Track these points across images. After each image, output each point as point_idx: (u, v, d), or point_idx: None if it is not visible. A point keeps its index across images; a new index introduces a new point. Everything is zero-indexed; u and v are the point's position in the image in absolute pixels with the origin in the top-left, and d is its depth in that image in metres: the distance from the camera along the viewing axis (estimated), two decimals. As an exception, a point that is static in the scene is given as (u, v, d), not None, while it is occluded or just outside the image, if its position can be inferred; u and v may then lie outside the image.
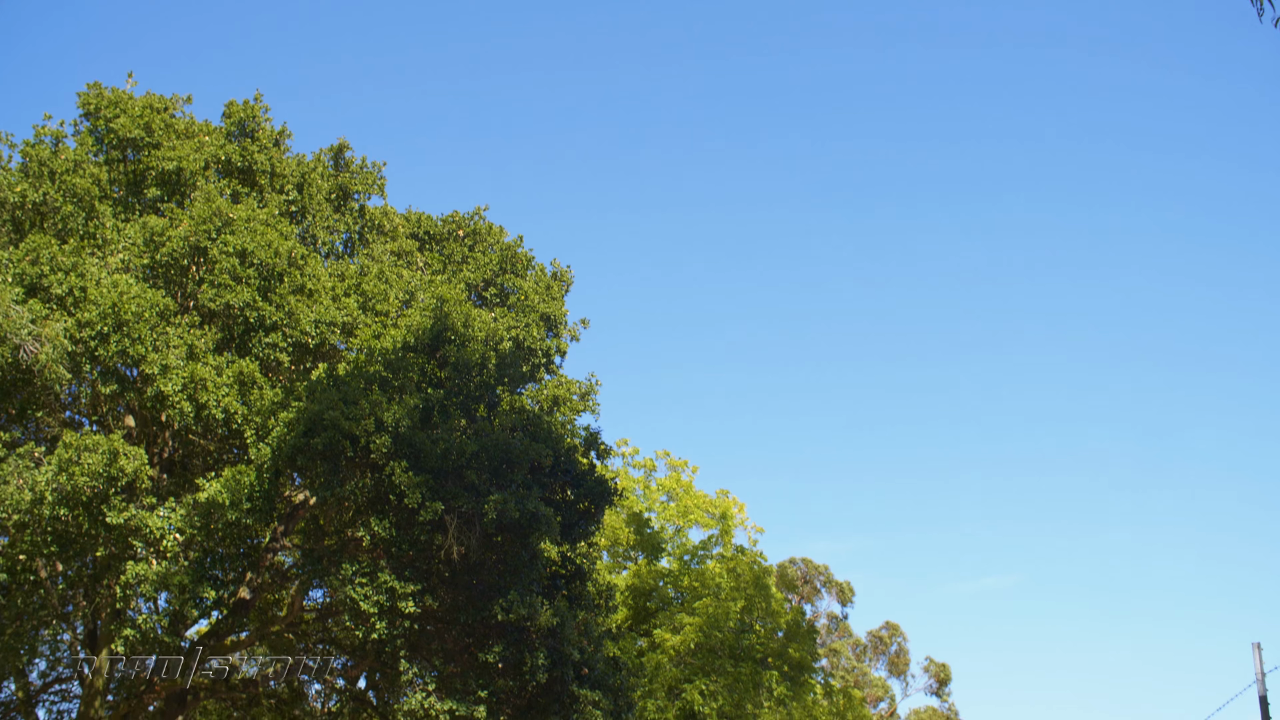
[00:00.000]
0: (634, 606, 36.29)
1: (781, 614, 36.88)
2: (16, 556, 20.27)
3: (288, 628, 23.81)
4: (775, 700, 34.91)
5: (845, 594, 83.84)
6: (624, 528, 37.19)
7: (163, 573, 19.53)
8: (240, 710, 29.43)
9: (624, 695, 24.22)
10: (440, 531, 19.69)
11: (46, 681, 27.42)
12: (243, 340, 22.31)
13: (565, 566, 23.29)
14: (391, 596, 19.19)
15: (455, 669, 21.06)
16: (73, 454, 19.32)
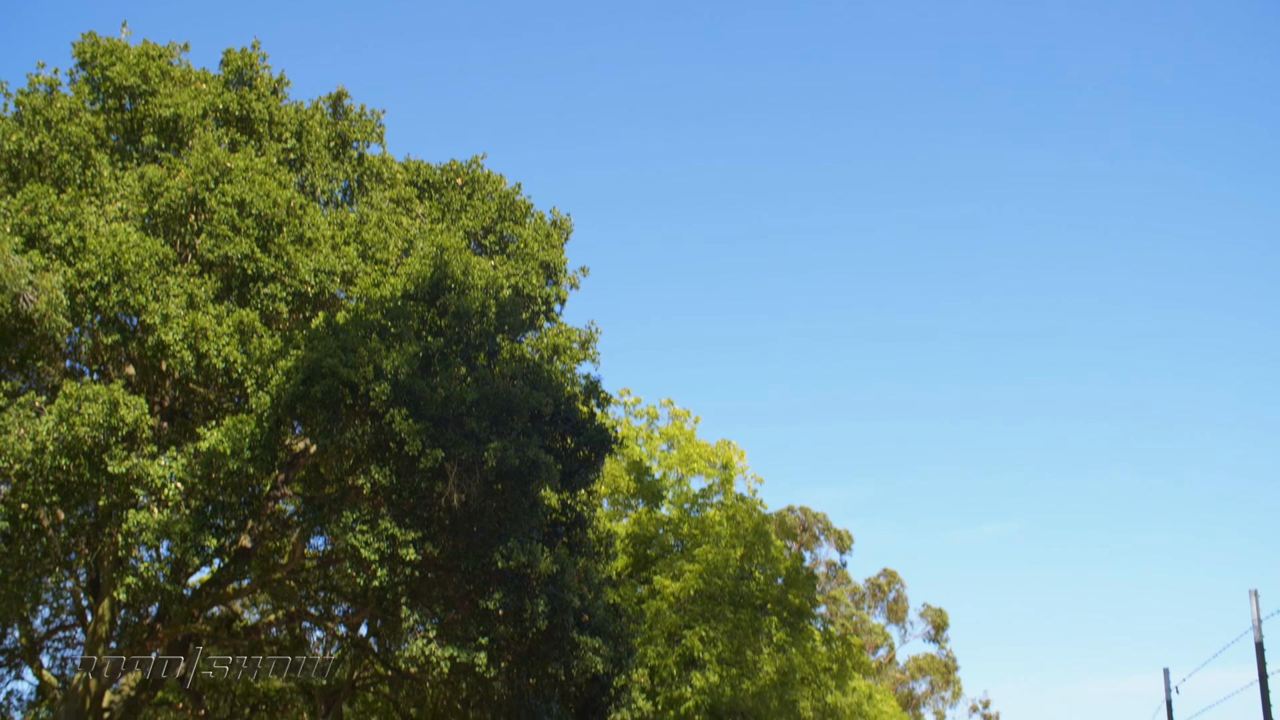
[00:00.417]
0: (634, 554, 36.39)
1: (781, 561, 36.99)
2: (19, 505, 20.32)
3: (289, 575, 23.91)
4: (775, 646, 35.07)
5: (844, 542, 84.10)
6: (624, 476, 37.25)
7: (164, 521, 19.58)
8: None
9: (624, 641, 24.35)
10: (440, 479, 19.73)
11: (51, 628, 27.60)
12: (242, 289, 22.28)
13: (565, 514, 23.36)
14: (392, 544, 19.25)
15: (456, 616, 21.15)
16: (73, 403, 19.33)
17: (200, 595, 22.87)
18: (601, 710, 24.41)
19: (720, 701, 32.22)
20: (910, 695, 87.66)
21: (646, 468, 37.85)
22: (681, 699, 32.07)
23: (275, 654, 28.61)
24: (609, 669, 23.19)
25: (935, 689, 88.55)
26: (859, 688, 51.74)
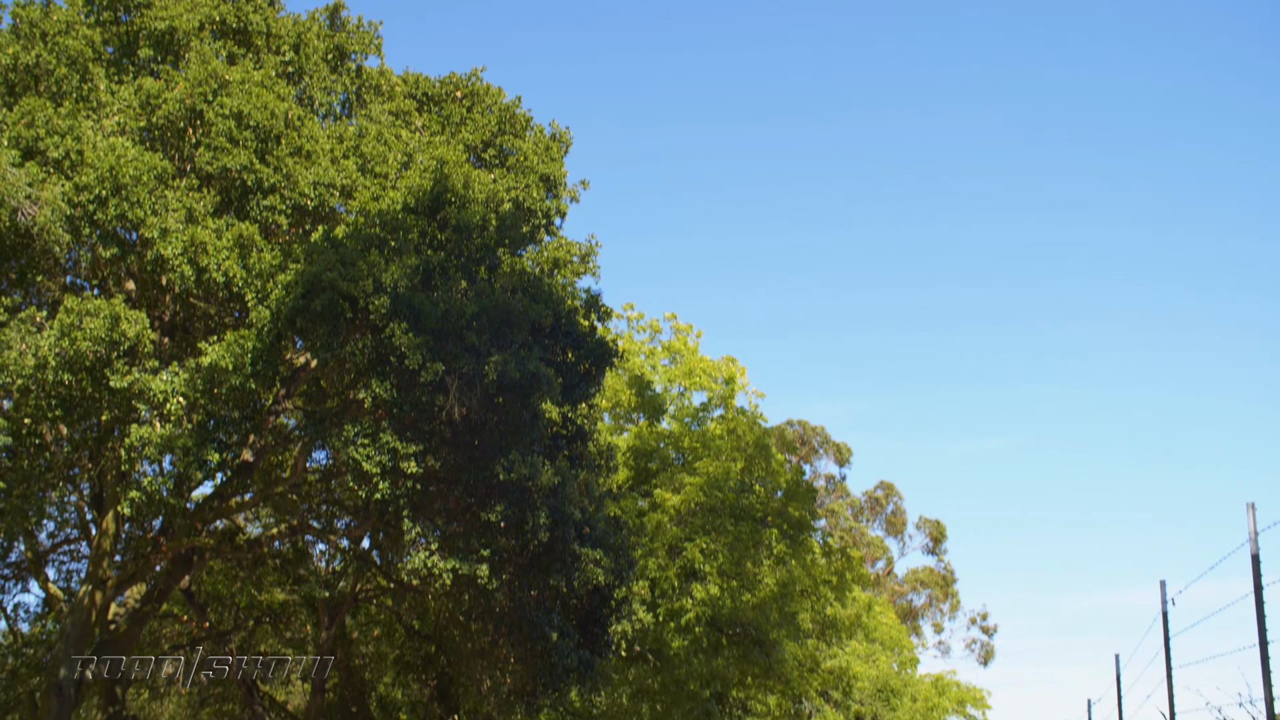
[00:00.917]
0: (635, 467, 36.53)
1: (781, 474, 37.13)
2: (21, 420, 20.37)
3: (291, 489, 24.02)
4: (775, 559, 35.30)
5: (842, 455, 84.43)
6: (625, 390, 37.31)
7: (166, 436, 19.62)
8: (245, 570, 29.85)
9: (625, 554, 24.52)
10: (441, 392, 19.75)
11: (55, 542, 27.79)
12: (241, 203, 22.19)
13: (566, 427, 23.42)
14: (394, 457, 19.31)
15: (457, 528, 21.26)
16: (74, 318, 19.32)
17: (203, 509, 22.97)
18: (602, 621, 24.61)
19: (720, 613, 32.50)
20: (909, 607, 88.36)
21: (648, 382, 37.90)
22: (682, 611, 32.33)
23: (278, 567, 28.85)
24: (610, 581, 23.36)
25: (934, 601, 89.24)
26: (858, 600, 52.18)
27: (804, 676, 40.16)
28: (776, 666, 34.76)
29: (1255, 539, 12.33)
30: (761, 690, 41.36)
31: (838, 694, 49.30)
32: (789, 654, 35.88)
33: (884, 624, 61.35)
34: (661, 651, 32.18)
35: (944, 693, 63.37)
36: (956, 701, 63.77)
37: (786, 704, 46.85)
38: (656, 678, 33.22)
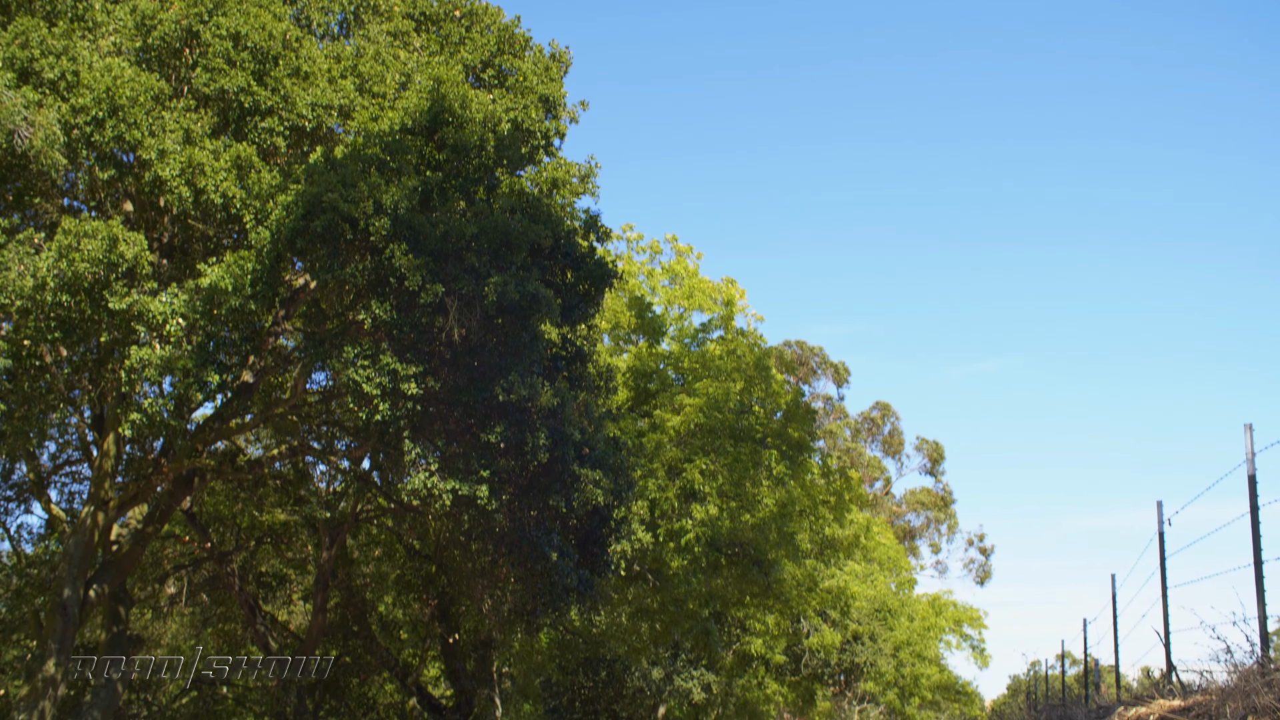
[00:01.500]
0: (634, 388, 36.62)
1: (781, 395, 37.23)
2: (21, 342, 20.38)
3: (291, 410, 24.08)
4: (774, 479, 35.46)
5: (841, 375, 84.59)
6: (625, 311, 37.32)
7: (166, 357, 19.64)
8: (247, 491, 30.00)
9: (624, 474, 24.62)
10: (441, 314, 19.75)
11: (57, 464, 27.93)
12: (239, 124, 22.07)
13: (566, 348, 23.44)
14: (394, 378, 19.33)
15: (457, 449, 21.34)
16: (72, 240, 19.27)
17: (204, 430, 23.05)
18: (602, 542, 24.77)
19: (720, 533, 32.69)
20: (907, 528, 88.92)
21: (648, 303, 37.92)
22: (682, 531, 32.52)
23: (279, 487, 28.99)
24: (609, 501, 23.48)
25: (931, 522, 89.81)
26: (857, 520, 52.47)
27: (802, 596, 40.53)
28: (775, 586, 35.05)
29: (1252, 459, 12.38)
30: (760, 609, 41.75)
31: (836, 613, 49.81)
32: (787, 574, 36.16)
33: (882, 544, 61.79)
34: (661, 571, 32.42)
35: (941, 612, 63.93)
36: (953, 621, 64.34)
37: (785, 623, 47.33)
38: (656, 597, 33.49)
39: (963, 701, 66.11)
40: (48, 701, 21.27)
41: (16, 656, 31.33)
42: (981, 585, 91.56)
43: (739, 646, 47.60)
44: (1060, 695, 24.99)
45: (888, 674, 56.70)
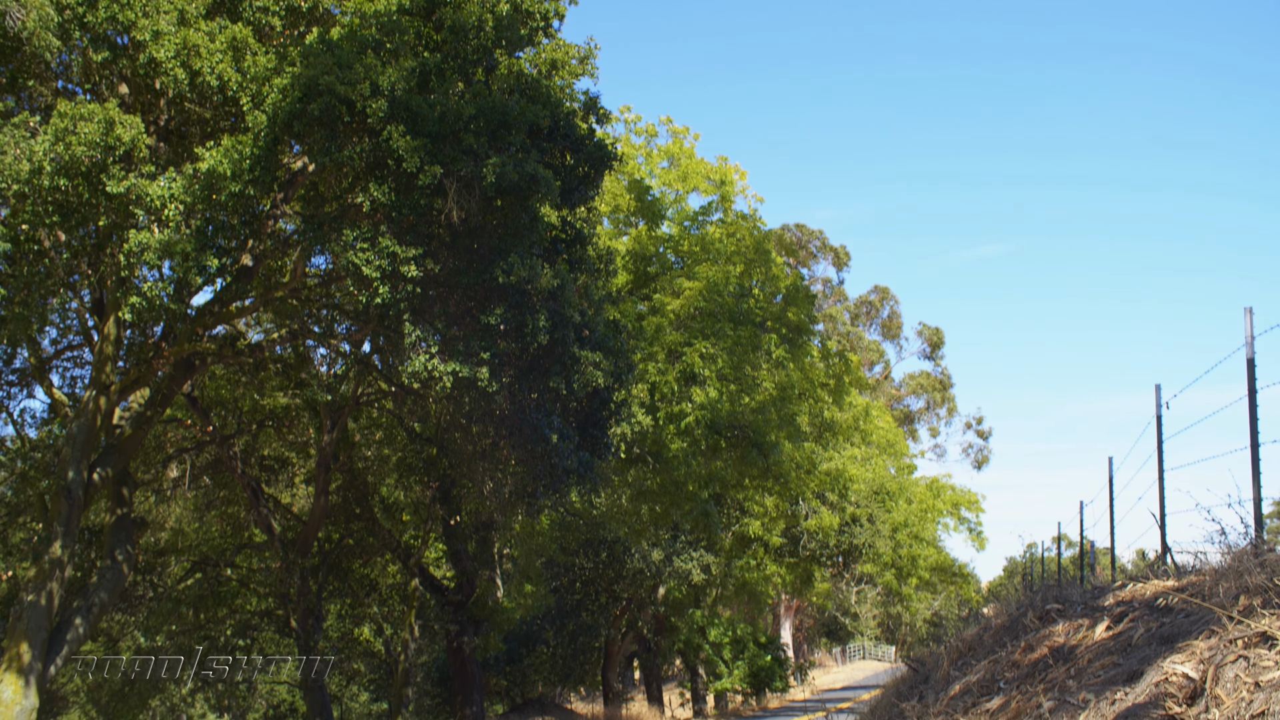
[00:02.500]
0: (634, 271, 36.59)
1: (781, 279, 37.22)
2: (19, 226, 20.32)
3: (291, 294, 24.06)
4: (774, 363, 35.57)
5: (840, 259, 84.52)
6: (624, 194, 37.18)
7: (165, 241, 19.57)
8: (247, 375, 30.08)
9: (624, 357, 24.68)
10: (440, 196, 19.67)
11: (58, 349, 27.98)
12: (234, 5, 21.80)
13: (565, 231, 23.37)
14: (393, 261, 19.29)
15: (458, 332, 21.36)
16: (68, 123, 19.13)
17: (204, 314, 23.05)
18: (602, 424, 24.89)
19: (720, 416, 32.86)
20: (906, 412, 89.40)
21: (646, 186, 37.75)
22: (682, 414, 32.68)
23: (279, 371, 29.06)
24: (609, 384, 23.56)
25: (930, 406, 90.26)
26: (856, 403, 52.74)
27: (801, 478, 40.83)
28: (774, 468, 35.29)
29: (1251, 343, 12.39)
30: (759, 491, 42.09)
31: (834, 496, 50.20)
32: (787, 456, 36.39)
33: (881, 428, 62.12)
34: (660, 454, 32.62)
35: (939, 495, 64.44)
36: (951, 504, 64.86)
37: (784, 505, 47.73)
38: (655, 479, 33.73)
39: (959, 583, 66.91)
40: (55, 583, 21.52)
41: (23, 539, 31.62)
42: (979, 469, 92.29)
43: (738, 528, 48.08)
44: (1056, 576, 25.25)
45: (885, 555, 57.30)
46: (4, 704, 20.28)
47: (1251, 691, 7.30)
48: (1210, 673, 7.75)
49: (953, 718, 11.92)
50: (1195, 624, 9.29)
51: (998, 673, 12.43)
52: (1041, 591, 15.56)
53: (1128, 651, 10.03)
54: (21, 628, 20.95)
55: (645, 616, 52.69)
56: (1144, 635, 10.11)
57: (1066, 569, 27.71)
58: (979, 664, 13.47)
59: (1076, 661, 10.73)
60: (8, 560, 32.42)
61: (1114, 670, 9.67)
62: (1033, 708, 10.19)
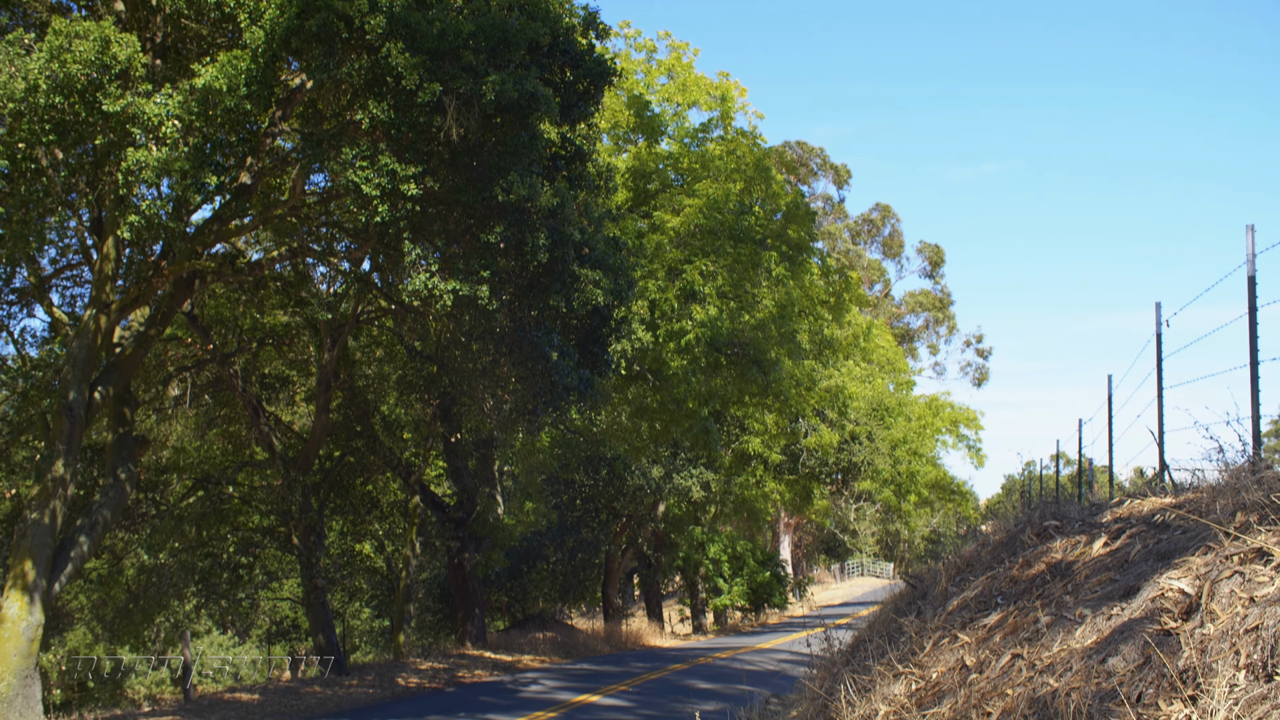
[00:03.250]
0: (634, 188, 36.48)
1: (781, 196, 37.11)
2: (16, 145, 20.19)
3: (290, 212, 23.99)
4: (774, 280, 35.56)
5: (841, 177, 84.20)
6: (624, 110, 36.99)
7: (163, 159, 19.46)
8: (247, 293, 30.06)
9: (624, 274, 24.65)
10: (439, 113, 19.56)
11: (58, 268, 27.91)
12: (230, -81, 21.56)
13: (565, 148, 23.26)
14: (392, 179, 19.22)
15: (457, 250, 21.32)
16: (64, 41, 18.96)
17: (203, 233, 22.98)
18: (602, 341, 24.91)
19: (720, 333, 32.89)
20: (906, 330, 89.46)
21: (646, 102, 37.55)
22: (681, 331, 32.70)
23: (279, 289, 29.03)
24: (609, 301, 23.57)
25: (930, 324, 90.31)
26: (856, 322, 52.81)
27: (801, 395, 40.94)
28: (774, 386, 35.38)
29: (1253, 260, 12.38)
30: (759, 409, 42.24)
31: (833, 413, 50.35)
32: (786, 374, 36.47)
33: (880, 346, 62.21)
34: (660, 371, 32.69)
35: (938, 413, 64.60)
36: (950, 421, 65.03)
37: (784, 422, 47.89)
38: (655, 396, 33.83)
39: (957, 500, 67.26)
40: (58, 501, 21.63)
41: (25, 457, 31.74)
42: (979, 387, 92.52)
43: (738, 445, 48.27)
44: (1054, 494, 25.38)
45: (884, 473, 57.57)
46: (10, 621, 20.46)
47: (1246, 606, 7.36)
48: (1206, 588, 7.81)
49: (950, 632, 12.03)
50: (1192, 540, 9.36)
51: (995, 588, 12.53)
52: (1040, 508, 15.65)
53: (1124, 568, 10.11)
54: (26, 545, 21.09)
55: (645, 533, 53.04)
56: (1141, 551, 10.19)
57: (1065, 487, 27.86)
58: (977, 580, 13.57)
59: (1074, 577, 10.81)
60: (11, 479, 32.56)
61: (1111, 586, 9.75)
62: (1030, 623, 10.28)
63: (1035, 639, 9.79)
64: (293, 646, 54.83)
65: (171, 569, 35.60)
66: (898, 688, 11.76)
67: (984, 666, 10.29)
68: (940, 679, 11.07)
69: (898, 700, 11.45)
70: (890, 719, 11.25)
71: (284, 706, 25.97)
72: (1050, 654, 9.13)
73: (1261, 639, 6.91)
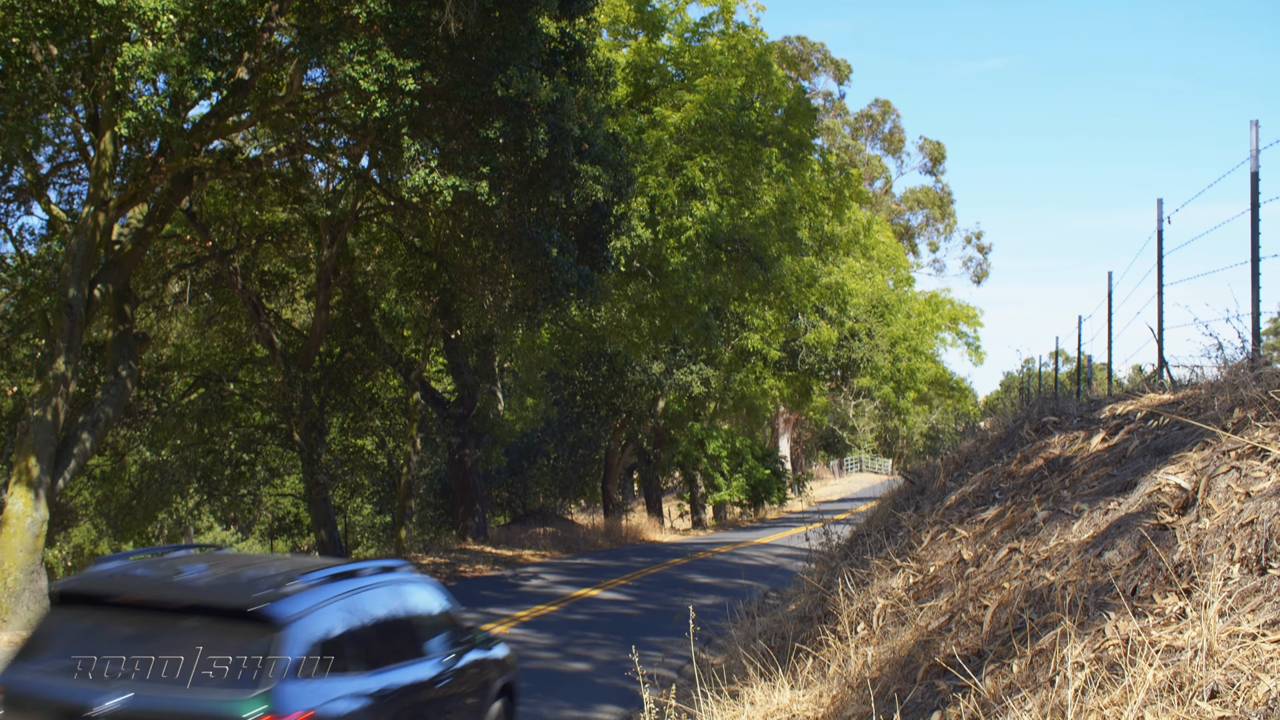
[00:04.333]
0: (634, 84, 36.20)
1: (783, 92, 36.84)
2: (9, 40, 19.98)
3: (288, 107, 23.80)
4: (774, 177, 35.40)
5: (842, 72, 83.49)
6: (624, 5, 36.59)
7: (159, 54, 19.26)
8: (246, 189, 29.93)
9: (624, 170, 24.53)
10: (437, 6, 19.35)
11: (55, 165, 27.76)
12: None
13: (564, 42, 23.03)
14: (390, 74, 19.06)
15: (456, 145, 21.22)
16: (56, -68, 18.74)
17: (200, 129, 22.82)
18: (602, 237, 24.85)
19: (720, 230, 32.80)
20: (906, 227, 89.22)
21: (646, -4, 37.17)
22: (682, 228, 32.61)
23: (278, 185, 28.89)
24: (609, 197, 23.48)
25: (930, 221, 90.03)
26: (856, 218, 52.62)
27: (801, 292, 40.93)
28: (774, 282, 35.36)
29: (1256, 156, 12.32)
30: (759, 305, 42.26)
31: (833, 310, 50.38)
32: (786, 270, 36.44)
33: (880, 243, 62.08)
34: (660, 268, 32.64)
35: (938, 310, 64.62)
36: (949, 319, 65.08)
37: (783, 318, 47.94)
38: (655, 293, 33.81)
39: (956, 397, 67.50)
40: (59, 398, 21.69)
41: (27, 355, 31.78)
42: (978, 284, 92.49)
43: (737, 342, 48.34)
44: (1053, 390, 25.46)
45: (883, 369, 57.72)
46: (15, 516, 20.61)
47: (1242, 501, 7.42)
48: (1202, 483, 7.87)
49: (948, 527, 12.13)
50: (1189, 436, 9.41)
51: (993, 483, 12.62)
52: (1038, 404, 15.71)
53: (1122, 463, 10.17)
54: (29, 442, 21.18)
55: (645, 429, 53.30)
56: (1138, 447, 10.24)
57: (1064, 384, 27.95)
58: (975, 475, 13.66)
59: (1071, 472, 10.88)
60: (12, 376, 32.63)
61: (1108, 481, 9.82)
62: (1027, 517, 10.37)
63: (1032, 533, 9.89)
64: (295, 542, 55.33)
65: (173, 466, 35.77)
66: (895, 581, 11.88)
67: (981, 560, 10.40)
68: (938, 573, 11.19)
69: (895, 594, 11.58)
70: (888, 612, 11.39)
71: (287, 600, 26.21)
72: (1047, 548, 9.22)
73: (1256, 533, 6.98)
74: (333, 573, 9.36)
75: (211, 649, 8.18)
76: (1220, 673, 5.98)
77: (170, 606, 8.71)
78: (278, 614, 8.37)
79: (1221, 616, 6.49)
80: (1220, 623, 6.39)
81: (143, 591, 9.02)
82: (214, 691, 7.93)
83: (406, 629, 10.28)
